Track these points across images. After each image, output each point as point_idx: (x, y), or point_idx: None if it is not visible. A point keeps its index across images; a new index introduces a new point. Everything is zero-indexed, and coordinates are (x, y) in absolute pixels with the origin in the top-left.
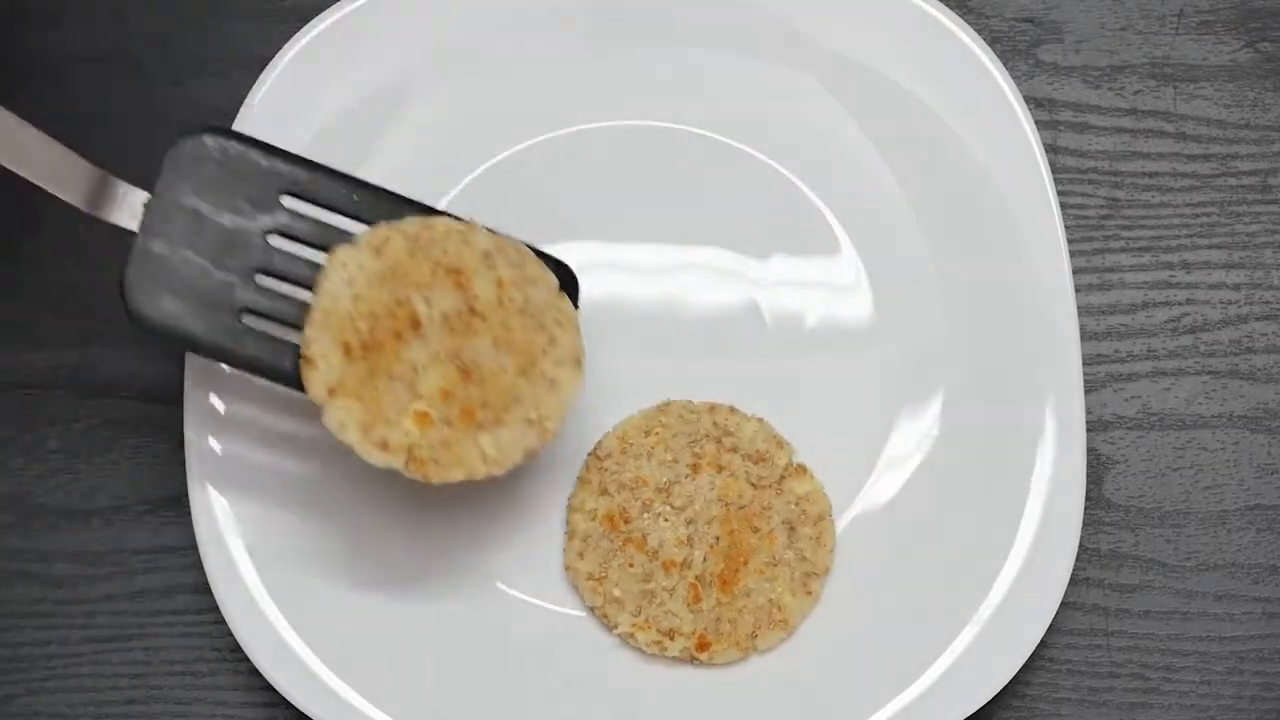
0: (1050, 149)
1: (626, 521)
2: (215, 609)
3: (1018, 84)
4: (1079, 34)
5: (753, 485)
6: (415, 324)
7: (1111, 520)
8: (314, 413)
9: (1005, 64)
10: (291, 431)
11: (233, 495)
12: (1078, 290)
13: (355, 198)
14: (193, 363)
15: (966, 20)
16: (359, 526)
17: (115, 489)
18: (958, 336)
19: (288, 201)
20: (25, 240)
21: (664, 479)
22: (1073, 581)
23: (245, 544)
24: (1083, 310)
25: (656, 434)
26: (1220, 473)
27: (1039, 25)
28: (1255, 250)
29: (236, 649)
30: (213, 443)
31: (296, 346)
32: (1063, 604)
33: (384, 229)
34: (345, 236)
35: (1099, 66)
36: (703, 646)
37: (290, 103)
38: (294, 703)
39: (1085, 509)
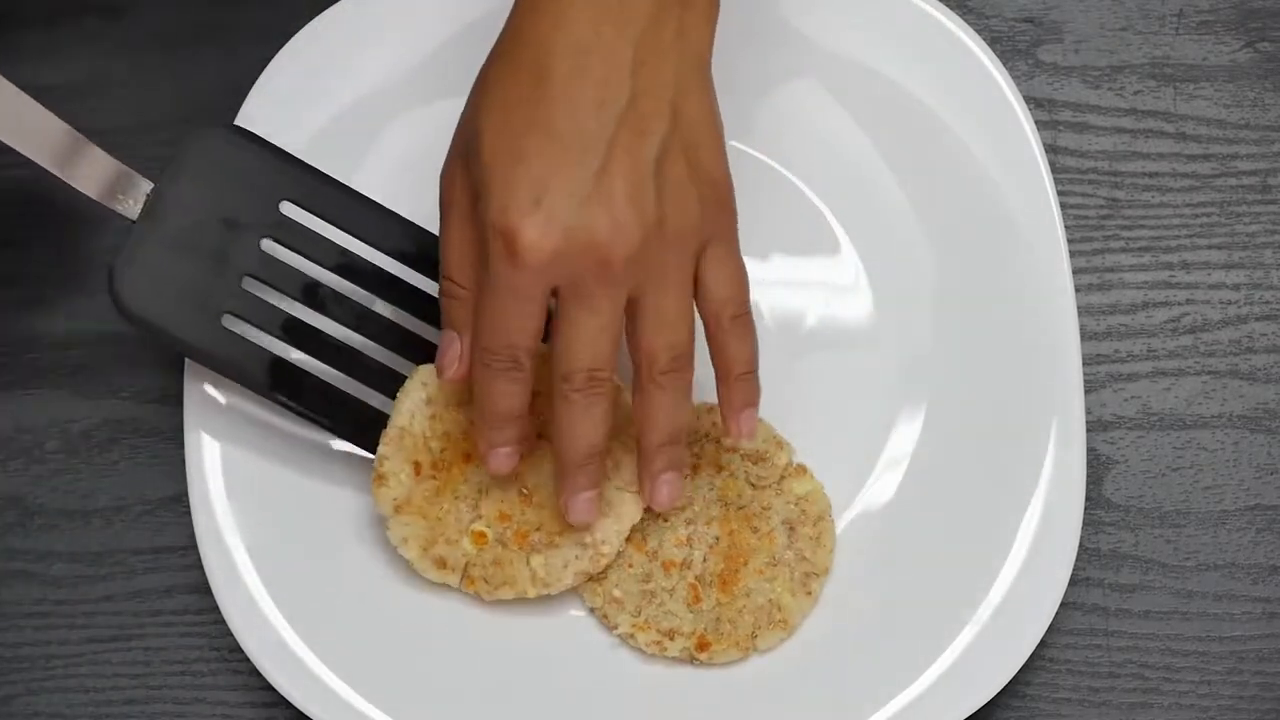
0: (1050, 149)
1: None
2: (215, 609)
3: (1018, 84)
4: (1079, 34)
5: (752, 485)
6: None
7: (1111, 520)
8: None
9: (1005, 64)
10: (291, 432)
11: (233, 495)
12: (1078, 290)
13: (355, 214)
14: (193, 363)
15: (966, 20)
16: (357, 526)
17: (115, 489)
18: (957, 337)
19: (287, 209)
20: (25, 241)
21: None
22: (1073, 581)
23: (245, 544)
24: (1083, 310)
25: None
26: (1220, 473)
27: (1039, 25)
28: (1255, 250)
29: (236, 649)
30: (213, 442)
31: (270, 354)
32: (1063, 604)
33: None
34: (343, 254)
35: (1099, 66)
36: (703, 646)
37: (291, 99)
38: (294, 703)
39: (1085, 509)
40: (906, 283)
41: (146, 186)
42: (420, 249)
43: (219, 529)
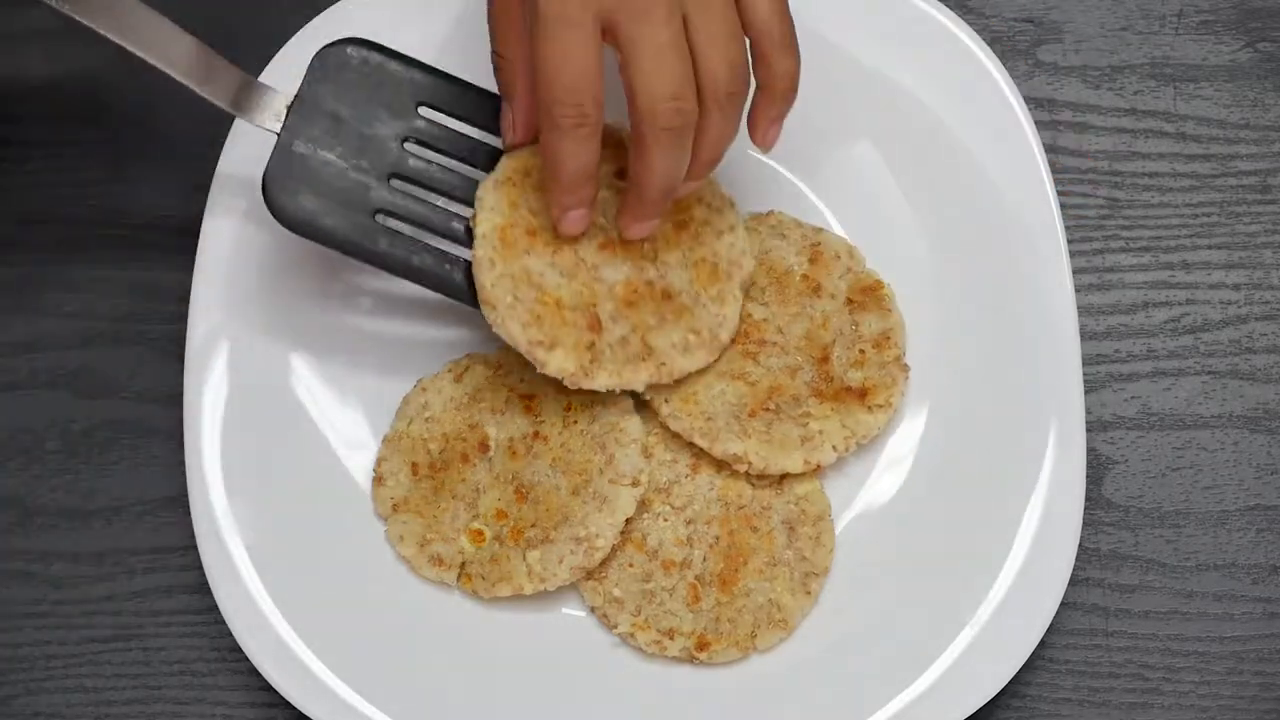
0: (1050, 149)
1: (626, 522)
2: (215, 609)
3: (1018, 84)
4: (1079, 34)
5: (752, 485)
6: (484, 448)
7: (1111, 520)
8: (311, 410)
9: (1005, 64)
10: (291, 433)
11: (232, 495)
12: (1078, 290)
13: (489, 109)
14: (192, 363)
15: (966, 20)
16: (357, 526)
17: (115, 489)
18: (957, 336)
19: (424, 111)
20: (26, 241)
21: (664, 479)
22: (1073, 581)
23: (245, 544)
24: (1083, 310)
25: (656, 434)
26: (1220, 473)
27: (1039, 25)
28: (1255, 250)
29: (236, 649)
30: (213, 442)
31: (427, 245)
32: (1063, 604)
33: (466, 359)
34: (477, 147)
35: (1099, 66)
36: (702, 646)
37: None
38: (293, 703)
39: (1085, 509)
40: (906, 282)
41: (279, 98)
42: None
43: (219, 529)
